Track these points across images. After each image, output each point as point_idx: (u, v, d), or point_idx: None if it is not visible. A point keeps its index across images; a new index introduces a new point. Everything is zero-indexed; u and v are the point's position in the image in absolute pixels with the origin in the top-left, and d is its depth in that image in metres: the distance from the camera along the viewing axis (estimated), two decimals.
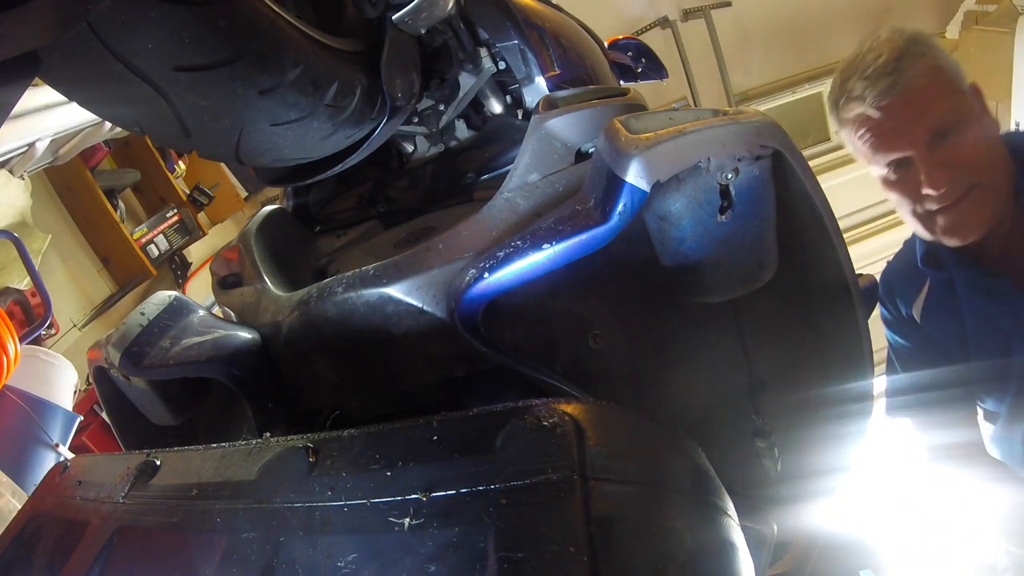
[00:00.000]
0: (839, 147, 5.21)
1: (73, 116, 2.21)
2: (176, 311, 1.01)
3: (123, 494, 0.73)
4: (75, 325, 2.84)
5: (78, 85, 0.85)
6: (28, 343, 2.13)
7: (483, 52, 1.23)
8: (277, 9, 0.87)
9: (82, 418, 2.15)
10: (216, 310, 1.16)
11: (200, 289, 3.48)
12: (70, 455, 1.95)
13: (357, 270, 0.91)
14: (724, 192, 0.76)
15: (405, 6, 1.08)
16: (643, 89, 1.48)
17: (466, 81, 1.26)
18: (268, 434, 0.88)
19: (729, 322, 0.97)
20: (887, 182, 1.23)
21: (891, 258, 1.46)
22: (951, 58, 1.19)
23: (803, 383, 0.98)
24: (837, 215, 0.86)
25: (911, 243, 1.38)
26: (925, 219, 1.21)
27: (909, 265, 1.36)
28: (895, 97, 1.13)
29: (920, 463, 1.45)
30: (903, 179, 1.19)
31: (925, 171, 1.14)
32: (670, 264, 0.82)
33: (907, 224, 1.27)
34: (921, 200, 1.18)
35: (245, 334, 0.99)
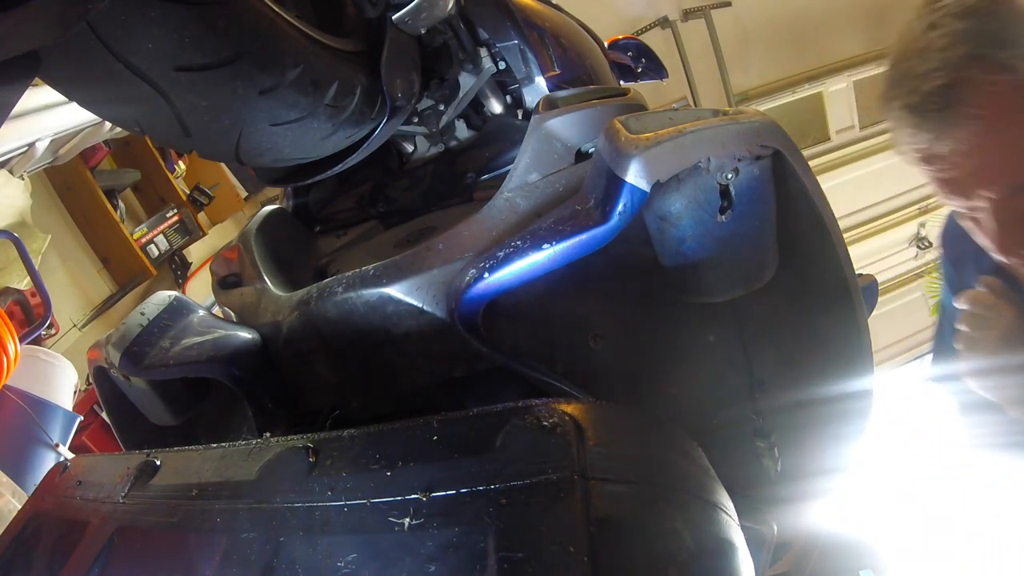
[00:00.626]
0: (839, 147, 5.22)
1: (73, 116, 2.20)
2: (176, 311, 1.01)
3: (123, 494, 0.73)
4: (75, 325, 2.84)
5: (78, 85, 0.85)
6: (28, 343, 2.13)
7: (483, 52, 1.23)
8: (277, 9, 0.87)
9: (82, 418, 2.15)
10: (216, 310, 1.16)
11: (200, 289, 3.47)
12: (70, 455, 1.95)
13: (357, 270, 0.91)
14: (724, 192, 0.76)
15: (405, 6, 1.08)
16: (643, 89, 1.48)
17: (466, 81, 1.26)
18: (268, 434, 0.89)
19: (729, 322, 0.97)
20: (958, 214, 0.94)
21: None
22: None
23: (803, 383, 0.98)
24: (837, 215, 0.86)
25: None
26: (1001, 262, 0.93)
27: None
28: (952, 146, 0.79)
29: (960, 448, 1.26)
30: (975, 219, 0.89)
31: (998, 232, 0.85)
32: (670, 264, 0.82)
33: None
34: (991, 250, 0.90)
35: (245, 334, 0.99)
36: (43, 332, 2.33)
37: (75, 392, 2.22)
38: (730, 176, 0.75)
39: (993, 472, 1.26)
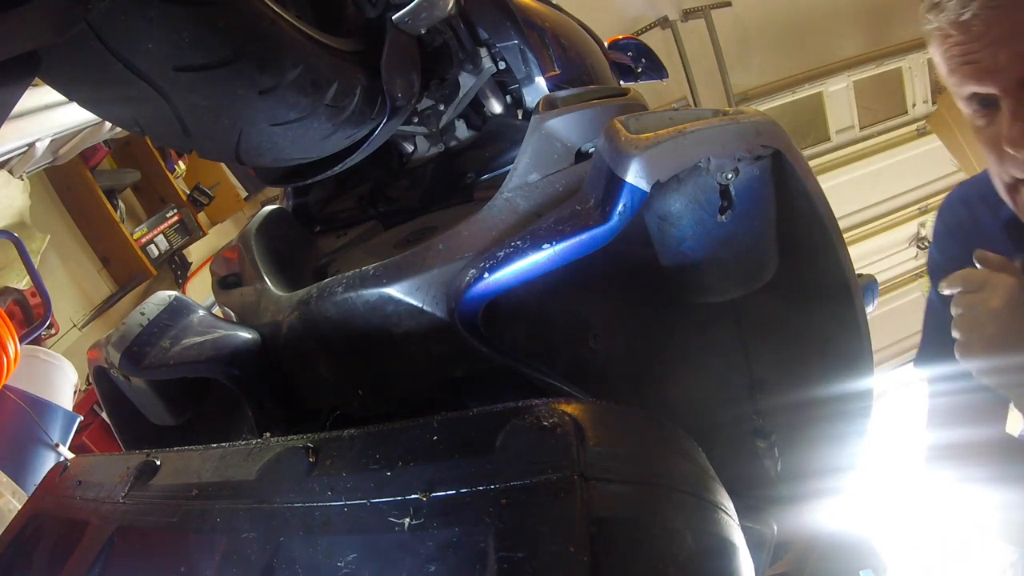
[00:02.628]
0: (839, 147, 5.23)
1: (73, 116, 2.20)
2: (176, 311, 1.01)
3: (123, 494, 0.73)
4: (75, 325, 2.84)
5: (78, 85, 0.85)
6: (28, 343, 2.13)
7: (483, 52, 1.23)
8: (277, 9, 0.87)
9: (82, 418, 2.15)
10: (216, 310, 1.16)
11: (200, 289, 3.47)
12: (70, 455, 1.95)
13: (357, 270, 0.91)
14: (724, 192, 0.76)
15: (405, 6, 1.08)
16: (643, 89, 1.48)
17: (466, 81, 1.26)
18: (268, 434, 0.89)
19: (729, 322, 0.97)
20: (975, 128, 0.92)
21: (960, 186, 1.16)
22: None
23: (803, 383, 0.98)
24: (837, 215, 0.86)
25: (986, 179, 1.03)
26: (1010, 188, 0.92)
27: (985, 213, 1.08)
28: (979, 9, 0.80)
29: (930, 452, 1.21)
30: (989, 125, 0.88)
31: (1008, 120, 0.83)
32: (670, 264, 0.82)
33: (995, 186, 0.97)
34: (1003, 160, 0.88)
35: (245, 334, 0.99)
36: (43, 332, 2.33)
37: (75, 392, 2.22)
38: (730, 176, 0.75)
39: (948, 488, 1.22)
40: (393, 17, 1.08)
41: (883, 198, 5.36)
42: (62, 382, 2.13)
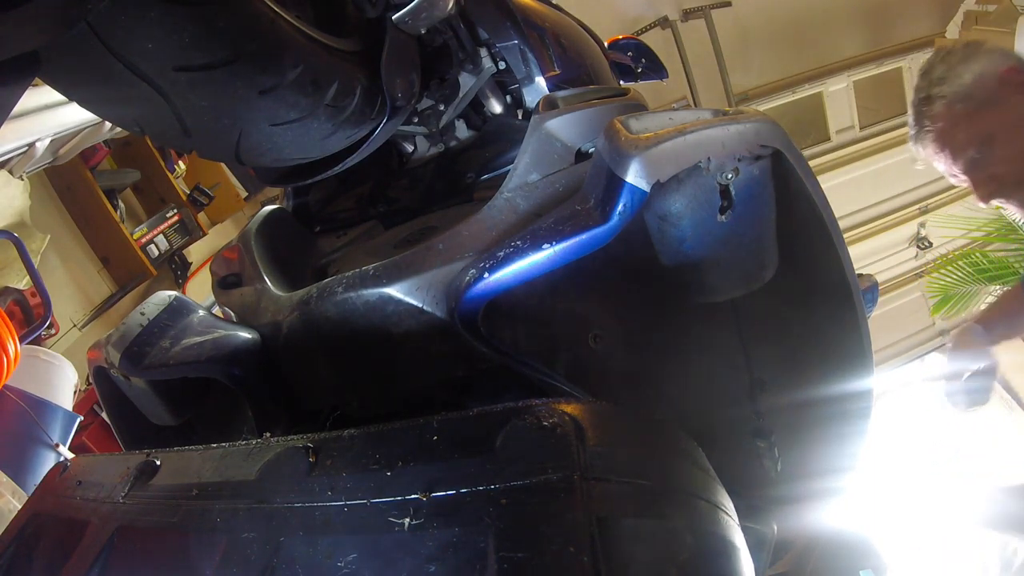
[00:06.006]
0: (839, 147, 5.22)
1: (73, 116, 2.20)
2: (176, 311, 1.01)
3: (123, 494, 0.73)
4: (75, 325, 2.84)
5: (78, 85, 0.85)
6: (28, 343, 2.13)
7: (483, 52, 1.23)
8: (277, 9, 0.87)
9: (82, 418, 2.15)
10: (216, 310, 1.16)
11: (200, 289, 3.47)
12: (70, 455, 1.94)
13: (357, 270, 0.91)
14: (724, 192, 0.76)
15: (405, 6, 1.08)
16: (643, 89, 1.48)
17: (466, 81, 1.26)
18: (268, 434, 0.89)
19: (729, 322, 0.97)
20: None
21: None
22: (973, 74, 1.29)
23: (803, 383, 0.98)
24: (837, 215, 0.86)
25: None
26: None
27: None
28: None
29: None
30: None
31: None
32: (670, 264, 0.82)
33: None
34: None
35: (245, 334, 0.99)
36: (43, 332, 2.33)
37: (75, 392, 2.22)
38: (730, 176, 0.75)
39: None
40: (393, 17, 1.08)
41: (883, 198, 5.35)
42: (62, 382, 2.13)
